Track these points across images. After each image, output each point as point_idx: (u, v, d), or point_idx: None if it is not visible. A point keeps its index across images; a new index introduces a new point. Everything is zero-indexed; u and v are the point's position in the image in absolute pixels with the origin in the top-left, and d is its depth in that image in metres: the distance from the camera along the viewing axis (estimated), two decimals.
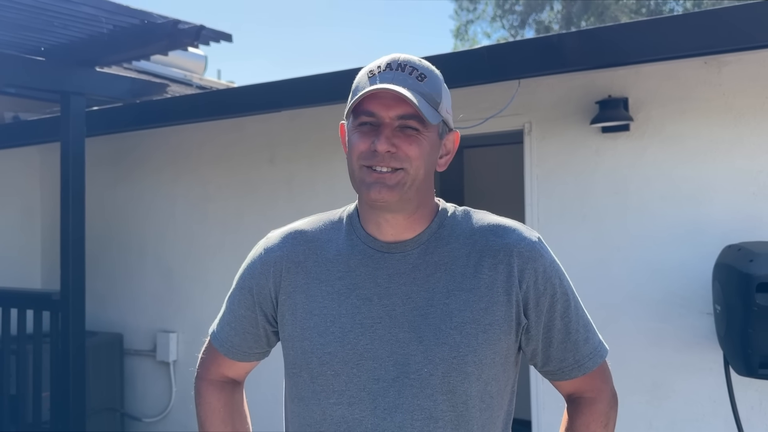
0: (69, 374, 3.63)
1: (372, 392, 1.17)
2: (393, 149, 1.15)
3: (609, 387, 1.33)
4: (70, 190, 3.69)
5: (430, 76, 1.20)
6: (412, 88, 1.16)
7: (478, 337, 1.17)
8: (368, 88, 1.16)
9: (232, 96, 4.27)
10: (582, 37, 3.00)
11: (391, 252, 1.22)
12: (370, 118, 1.17)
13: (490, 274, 1.20)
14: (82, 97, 3.73)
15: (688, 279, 3.03)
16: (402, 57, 1.21)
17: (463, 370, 1.16)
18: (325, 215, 1.33)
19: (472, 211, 1.29)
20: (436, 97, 1.19)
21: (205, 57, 7.54)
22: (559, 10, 18.38)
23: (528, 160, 3.42)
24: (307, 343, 1.22)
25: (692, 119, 3.07)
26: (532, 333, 1.23)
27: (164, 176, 4.76)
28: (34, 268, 5.29)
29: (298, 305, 1.25)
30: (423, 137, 1.17)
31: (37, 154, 5.30)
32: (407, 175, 1.16)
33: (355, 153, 1.18)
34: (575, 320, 1.26)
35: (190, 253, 4.56)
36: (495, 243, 1.22)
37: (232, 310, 1.35)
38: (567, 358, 1.26)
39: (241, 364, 1.39)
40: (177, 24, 3.25)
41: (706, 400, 2.98)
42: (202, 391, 1.41)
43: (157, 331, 4.68)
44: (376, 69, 1.20)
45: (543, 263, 1.22)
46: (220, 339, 1.37)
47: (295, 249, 1.28)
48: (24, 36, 3.43)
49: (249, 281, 1.32)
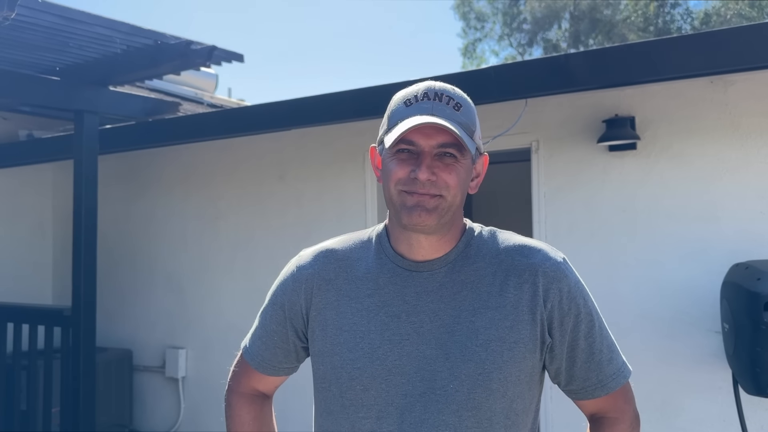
0: (79, 390, 3.65)
1: (400, 407, 1.20)
2: (433, 177, 1.18)
3: (631, 408, 1.34)
4: (83, 207, 3.73)
5: (465, 105, 1.23)
6: (451, 118, 1.19)
7: (503, 355, 1.19)
8: (413, 120, 1.18)
9: (244, 115, 4.32)
10: (589, 56, 3.03)
11: (419, 270, 1.26)
12: (409, 146, 1.20)
13: (515, 293, 1.22)
14: (95, 116, 3.79)
15: (696, 297, 3.03)
16: (438, 86, 1.23)
17: (488, 387, 1.19)
18: (354, 235, 1.37)
19: (498, 232, 1.32)
20: (471, 126, 1.23)
21: (216, 75, 7.62)
22: (566, 29, 18.48)
23: (536, 177, 3.44)
24: (337, 359, 1.25)
25: (699, 138, 3.09)
26: (556, 352, 1.25)
27: (176, 193, 4.81)
28: (46, 283, 5.34)
29: (329, 321, 1.28)
30: (460, 165, 1.21)
31: (50, 171, 5.37)
32: (444, 202, 1.20)
33: (394, 179, 1.21)
34: (599, 341, 1.27)
35: (201, 269, 4.60)
36: (520, 263, 1.24)
37: (264, 325, 1.38)
38: (590, 377, 1.27)
39: (271, 378, 1.42)
40: (189, 44, 3.31)
41: (716, 420, 2.97)
42: (233, 403, 1.44)
43: (166, 348, 4.70)
44: (413, 98, 1.22)
45: (568, 283, 1.24)
46: (252, 353, 1.40)
47: (327, 267, 1.32)
48: (40, 56, 3.50)
49: (281, 297, 1.35)
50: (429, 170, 1.18)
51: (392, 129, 1.21)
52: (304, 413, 1.53)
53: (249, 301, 1.47)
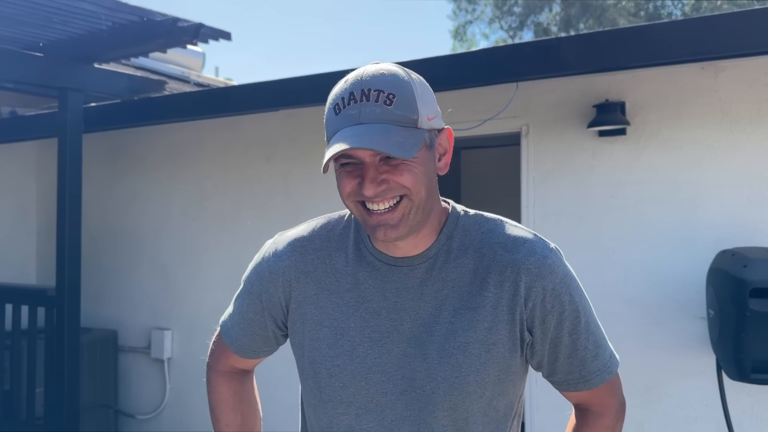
0: (63, 370, 3.63)
1: (380, 405, 1.19)
2: (383, 186, 1.10)
3: (617, 400, 1.32)
4: (67, 186, 3.69)
5: (399, 92, 1.10)
6: (382, 120, 1.08)
7: (481, 357, 1.17)
8: (334, 147, 1.07)
9: (231, 94, 4.27)
10: (581, 41, 3.02)
11: (399, 265, 1.21)
12: (350, 159, 1.12)
13: (495, 291, 1.17)
14: (79, 93, 3.73)
15: (683, 283, 3.05)
16: (366, 77, 1.11)
17: (465, 390, 1.17)
18: (330, 222, 1.31)
19: (483, 220, 1.25)
20: (411, 114, 1.10)
21: (203, 54, 7.53)
22: (557, 13, 18.42)
23: (525, 162, 3.43)
24: (316, 354, 1.23)
25: (688, 124, 3.08)
26: (537, 348, 1.21)
27: (161, 173, 4.76)
28: (29, 263, 5.28)
29: (308, 316, 1.26)
30: (411, 162, 1.10)
31: (34, 149, 5.29)
32: (410, 203, 1.12)
33: (345, 194, 1.14)
34: (584, 337, 1.23)
35: (186, 250, 4.56)
36: (503, 258, 1.18)
37: (241, 312, 1.36)
38: (573, 371, 1.24)
39: (250, 359, 1.42)
40: (176, 22, 3.26)
41: (699, 404, 3.00)
42: (213, 381, 1.44)
43: (151, 329, 4.67)
44: (341, 102, 1.11)
45: (552, 280, 1.18)
46: (231, 337, 1.39)
47: (304, 258, 1.28)
48: (22, 31, 3.43)
49: (258, 287, 1.32)
50: (375, 183, 1.09)
51: (328, 141, 1.12)
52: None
53: (234, 282, 1.44)
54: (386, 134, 1.07)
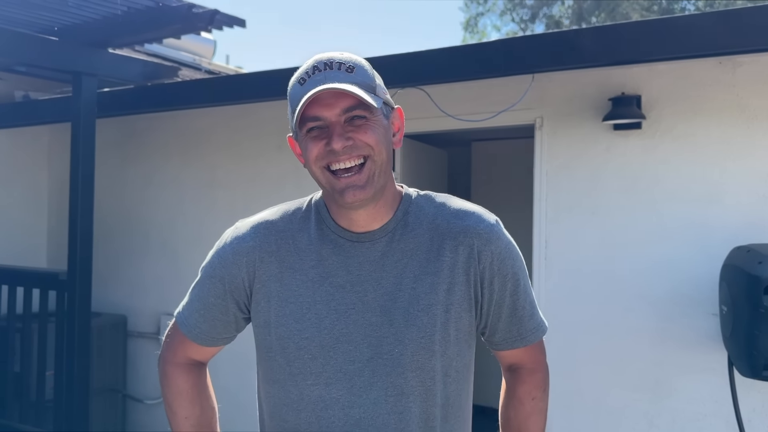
0: (74, 354, 3.64)
1: (348, 373, 1.24)
2: (349, 142, 1.19)
3: (545, 359, 1.45)
4: (80, 170, 3.69)
5: (357, 66, 1.23)
6: (345, 81, 1.19)
7: (442, 317, 1.26)
8: (304, 97, 1.17)
9: (245, 81, 4.26)
10: (599, 33, 2.99)
11: (361, 241, 1.28)
12: (316, 122, 1.20)
13: (451, 255, 1.27)
14: (94, 78, 3.72)
15: (695, 279, 3.03)
16: (325, 56, 1.23)
17: (431, 349, 1.25)
18: (292, 205, 1.38)
19: (433, 196, 1.36)
20: (370, 83, 1.23)
21: (214, 41, 7.51)
22: (570, 6, 18.29)
23: (538, 154, 3.41)
24: (283, 330, 1.27)
25: (705, 119, 3.06)
26: (484, 309, 1.31)
27: (172, 160, 4.76)
28: (40, 247, 5.31)
29: (273, 293, 1.29)
30: (373, 122, 1.21)
31: (46, 133, 5.30)
32: (374, 164, 1.21)
33: (312, 158, 1.22)
34: (523, 298, 1.34)
35: (196, 237, 4.57)
36: (456, 225, 1.29)
37: (201, 298, 1.37)
38: (512, 330, 1.35)
39: (208, 348, 1.42)
40: (192, 8, 3.25)
41: (708, 400, 2.99)
42: (169, 373, 1.43)
43: (160, 314, 4.69)
44: (305, 75, 1.22)
45: (499, 245, 1.30)
46: (189, 325, 1.39)
47: (268, 239, 1.32)
48: (38, 15, 3.42)
49: (220, 270, 1.34)
50: (342, 138, 1.18)
51: (293, 111, 1.22)
52: None
53: None
54: (352, 86, 1.18)
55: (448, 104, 3.48)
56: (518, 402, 1.43)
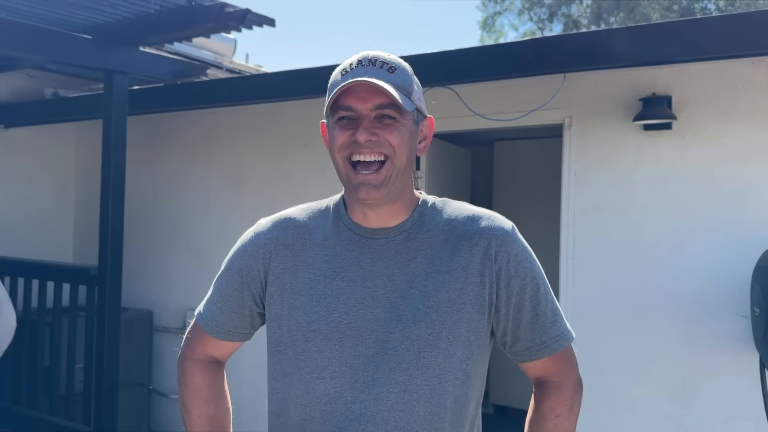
0: (104, 348, 3.69)
1: (353, 367, 1.24)
2: (374, 137, 1.22)
3: (574, 373, 1.39)
4: (111, 167, 3.74)
5: (400, 68, 1.26)
6: (385, 80, 1.22)
7: (453, 315, 1.24)
8: (343, 83, 1.21)
9: (273, 81, 4.29)
10: (631, 33, 2.99)
11: (375, 238, 1.29)
12: (348, 112, 1.23)
13: (466, 256, 1.27)
14: (125, 76, 3.77)
15: (726, 281, 3.02)
16: (371, 53, 1.27)
17: (437, 346, 1.23)
18: (313, 204, 1.41)
19: (450, 201, 1.37)
20: (408, 87, 1.26)
21: (234, 40, 7.55)
22: (588, 5, 18.19)
23: (567, 154, 3.41)
24: (294, 322, 1.28)
25: (736, 120, 3.05)
26: (502, 313, 1.29)
27: (198, 158, 4.81)
28: (67, 242, 5.38)
29: (286, 286, 1.31)
30: (401, 125, 1.24)
31: (74, 130, 5.37)
32: (392, 166, 1.23)
33: (337, 146, 1.25)
34: (544, 303, 1.32)
35: (221, 235, 4.60)
36: (471, 227, 1.30)
37: (219, 291, 1.40)
38: (534, 338, 1.32)
39: (225, 344, 1.44)
40: (224, 7, 3.28)
41: (737, 402, 2.98)
42: (187, 370, 1.44)
43: (186, 310, 4.74)
44: (349, 67, 1.25)
45: (515, 247, 1.30)
46: (206, 318, 1.42)
47: (285, 233, 1.35)
48: (71, 14, 3.47)
49: (238, 263, 1.38)
50: (368, 131, 1.21)
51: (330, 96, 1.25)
52: None
53: None
54: (389, 86, 1.21)
55: (476, 103, 3.49)
56: (541, 417, 1.37)
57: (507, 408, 5.34)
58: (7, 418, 4.21)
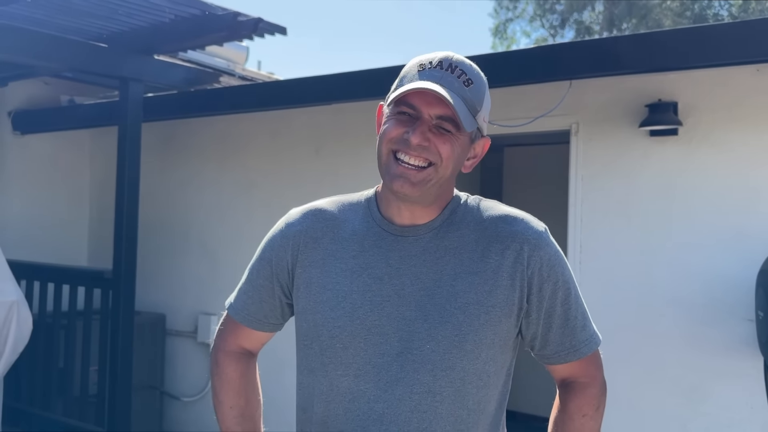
0: (118, 350, 3.76)
1: (377, 366, 1.24)
2: (426, 143, 1.20)
3: (601, 374, 1.41)
4: (126, 173, 3.81)
5: (477, 83, 1.24)
6: (457, 92, 1.20)
7: (480, 318, 1.23)
8: (415, 83, 1.20)
9: (286, 88, 4.35)
10: (637, 40, 3.03)
11: (404, 235, 1.28)
12: (409, 110, 1.22)
13: (497, 258, 1.26)
14: (140, 84, 3.85)
15: (731, 285, 3.04)
16: (455, 58, 1.25)
17: (463, 348, 1.22)
18: (345, 197, 1.40)
19: (483, 200, 1.35)
20: (477, 105, 1.24)
21: (247, 48, 7.64)
22: (600, 12, 18.20)
23: (574, 160, 3.45)
24: (319, 317, 1.28)
25: (742, 126, 3.08)
26: (533, 317, 1.28)
27: (210, 164, 4.88)
28: (81, 246, 5.46)
29: (313, 279, 1.31)
30: (456, 139, 1.22)
31: (87, 137, 5.46)
32: (435, 173, 1.22)
33: (387, 137, 1.23)
34: (575, 308, 1.32)
35: (234, 240, 4.67)
36: (504, 230, 1.28)
37: (250, 280, 1.41)
38: (564, 342, 1.32)
39: (256, 334, 1.44)
40: (237, 16, 3.35)
41: (743, 406, 3.00)
42: (220, 361, 1.45)
43: (198, 314, 4.80)
44: (428, 64, 1.24)
45: (548, 252, 1.28)
46: (237, 307, 1.43)
47: (314, 225, 1.35)
48: (88, 23, 3.56)
49: (269, 253, 1.38)
50: (422, 136, 1.20)
51: (399, 89, 1.24)
52: None
53: None
54: (458, 102, 1.19)
55: None
56: (568, 417, 1.37)
57: (517, 413, 5.37)
58: (22, 419, 4.29)
